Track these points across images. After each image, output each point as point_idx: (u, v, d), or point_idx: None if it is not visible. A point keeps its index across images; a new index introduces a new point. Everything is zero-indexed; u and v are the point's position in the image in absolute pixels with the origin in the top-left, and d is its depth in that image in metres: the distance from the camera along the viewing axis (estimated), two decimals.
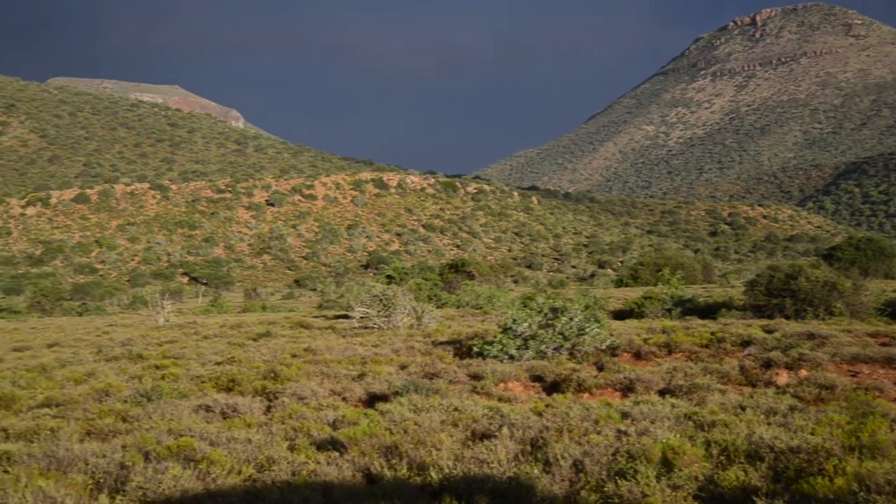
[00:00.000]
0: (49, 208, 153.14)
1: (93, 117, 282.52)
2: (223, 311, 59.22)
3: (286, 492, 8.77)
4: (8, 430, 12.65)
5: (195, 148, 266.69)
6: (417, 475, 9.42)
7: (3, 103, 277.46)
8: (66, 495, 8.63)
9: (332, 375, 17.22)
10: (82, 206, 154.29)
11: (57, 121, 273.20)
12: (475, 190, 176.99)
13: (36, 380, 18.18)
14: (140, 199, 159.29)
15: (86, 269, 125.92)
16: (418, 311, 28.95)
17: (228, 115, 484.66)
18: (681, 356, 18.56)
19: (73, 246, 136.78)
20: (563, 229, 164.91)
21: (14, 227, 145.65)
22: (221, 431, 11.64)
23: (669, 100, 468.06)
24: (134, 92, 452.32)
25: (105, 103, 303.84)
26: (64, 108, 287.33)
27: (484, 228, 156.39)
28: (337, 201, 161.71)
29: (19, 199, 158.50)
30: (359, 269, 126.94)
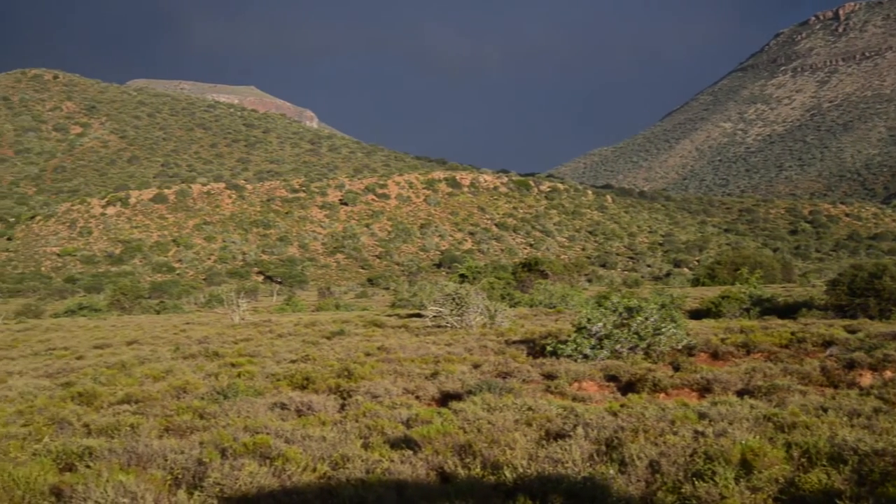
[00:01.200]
0: (128, 208, 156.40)
1: (171, 118, 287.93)
2: (297, 309, 59.78)
3: (360, 489, 8.77)
4: (90, 425, 12.88)
5: (270, 148, 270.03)
6: (491, 474, 9.36)
7: (84, 105, 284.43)
8: (145, 490, 8.74)
9: (405, 374, 17.22)
10: (160, 205, 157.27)
11: (136, 122, 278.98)
12: (548, 188, 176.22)
13: (116, 377, 18.49)
14: (216, 199, 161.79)
15: (163, 268, 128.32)
16: (491, 310, 28.85)
17: (303, 116, 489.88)
18: (760, 356, 18.19)
19: (151, 245, 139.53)
20: (638, 228, 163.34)
21: (95, 227, 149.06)
22: (296, 429, 11.70)
23: (748, 96, 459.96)
24: (211, 93, 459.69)
25: (183, 104, 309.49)
26: (143, 109, 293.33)
27: (557, 227, 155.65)
28: (410, 200, 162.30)
29: (100, 199, 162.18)
30: (431, 268, 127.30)
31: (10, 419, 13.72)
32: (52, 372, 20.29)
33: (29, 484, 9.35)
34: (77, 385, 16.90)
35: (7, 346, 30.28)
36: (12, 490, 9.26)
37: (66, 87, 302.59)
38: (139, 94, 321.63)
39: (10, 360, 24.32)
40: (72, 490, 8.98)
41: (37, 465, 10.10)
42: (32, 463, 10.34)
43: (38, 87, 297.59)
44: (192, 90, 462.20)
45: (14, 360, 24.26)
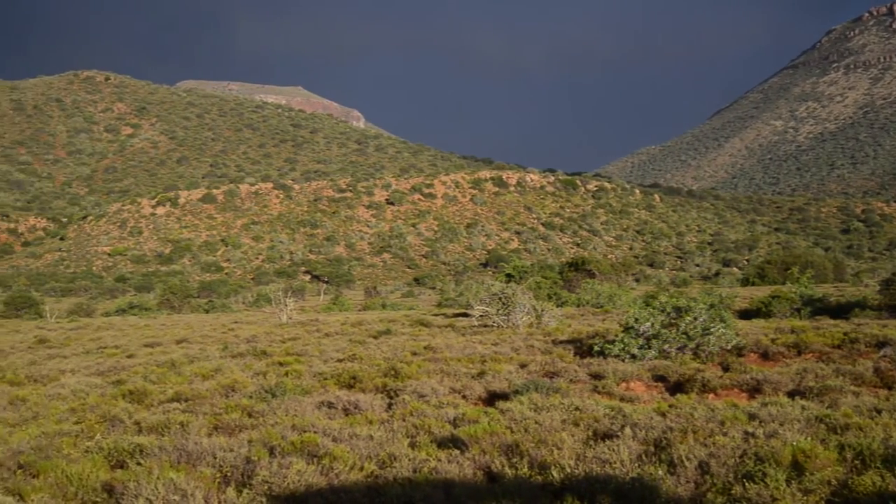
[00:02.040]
0: (178, 208, 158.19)
1: (219, 119, 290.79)
2: (344, 308, 60.07)
3: (408, 488, 8.78)
4: (140, 423, 13.03)
5: (317, 148, 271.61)
6: (539, 474, 9.33)
7: (135, 106, 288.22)
8: (195, 488, 8.82)
9: (451, 373, 17.22)
10: (209, 205, 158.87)
11: (185, 123, 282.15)
12: (596, 187, 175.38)
13: (166, 375, 18.70)
14: (264, 199, 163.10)
15: (212, 268, 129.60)
16: (538, 310, 28.78)
17: (350, 116, 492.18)
18: (811, 357, 17.95)
19: (200, 245, 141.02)
20: (687, 227, 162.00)
21: (145, 227, 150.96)
22: (344, 428, 11.75)
23: (799, 94, 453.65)
24: (259, 93, 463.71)
25: (231, 105, 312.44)
26: (192, 110, 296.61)
27: (605, 226, 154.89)
28: (456, 200, 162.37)
29: (150, 199, 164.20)
30: (478, 268, 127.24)
31: (63, 416, 13.92)
32: (104, 370, 20.55)
33: (82, 480, 9.49)
34: (128, 383, 17.11)
35: (60, 344, 30.75)
36: (66, 486, 9.40)
37: (118, 88, 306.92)
38: (188, 95, 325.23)
39: (62, 359, 24.69)
40: (123, 487, 9.09)
41: (89, 462, 10.24)
42: (85, 460, 10.49)
43: (91, 89, 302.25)
44: (241, 91, 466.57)
45: (67, 359, 24.62)
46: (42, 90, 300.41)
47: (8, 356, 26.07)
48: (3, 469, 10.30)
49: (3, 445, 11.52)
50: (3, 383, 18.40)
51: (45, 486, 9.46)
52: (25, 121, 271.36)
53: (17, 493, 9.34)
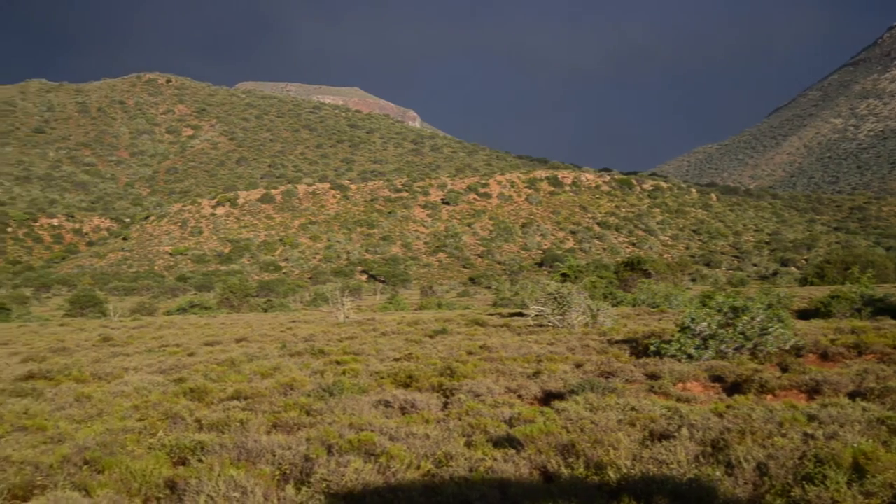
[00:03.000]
0: (237, 208, 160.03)
1: (277, 120, 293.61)
2: (400, 308, 60.28)
3: (464, 487, 8.84)
4: (201, 421, 13.24)
5: (374, 148, 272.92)
6: (595, 474, 9.34)
7: (195, 108, 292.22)
8: (255, 485, 8.97)
9: (507, 373, 17.24)
10: (267, 205, 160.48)
11: (244, 124, 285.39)
12: (651, 187, 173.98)
13: (226, 373, 18.95)
14: (321, 199, 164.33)
15: (270, 267, 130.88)
16: (593, 310, 28.66)
17: (406, 116, 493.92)
18: (872, 358, 17.67)
19: (258, 244, 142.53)
20: (744, 226, 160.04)
21: (205, 227, 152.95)
22: (400, 427, 11.83)
23: (860, 91, 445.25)
24: (316, 94, 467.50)
25: (289, 106, 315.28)
26: (251, 111, 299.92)
27: (660, 226, 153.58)
28: (511, 199, 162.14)
29: (210, 199, 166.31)
30: (533, 267, 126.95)
31: (126, 414, 14.20)
32: (166, 368, 20.88)
33: (145, 477, 9.69)
34: (189, 381, 17.37)
35: (123, 342, 31.29)
36: (129, 482, 9.61)
37: (179, 90, 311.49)
38: (247, 96, 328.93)
39: (125, 357, 25.11)
40: (185, 483, 9.27)
41: (152, 459, 10.45)
42: (148, 456, 10.70)
43: (152, 91, 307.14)
44: (298, 92, 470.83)
45: (130, 357, 25.04)
46: (106, 93, 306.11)
47: (73, 354, 26.59)
48: (70, 465, 10.55)
49: (70, 441, 11.80)
50: (70, 380, 18.80)
51: (110, 481, 9.67)
52: (90, 123, 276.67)
53: (84, 488, 9.57)
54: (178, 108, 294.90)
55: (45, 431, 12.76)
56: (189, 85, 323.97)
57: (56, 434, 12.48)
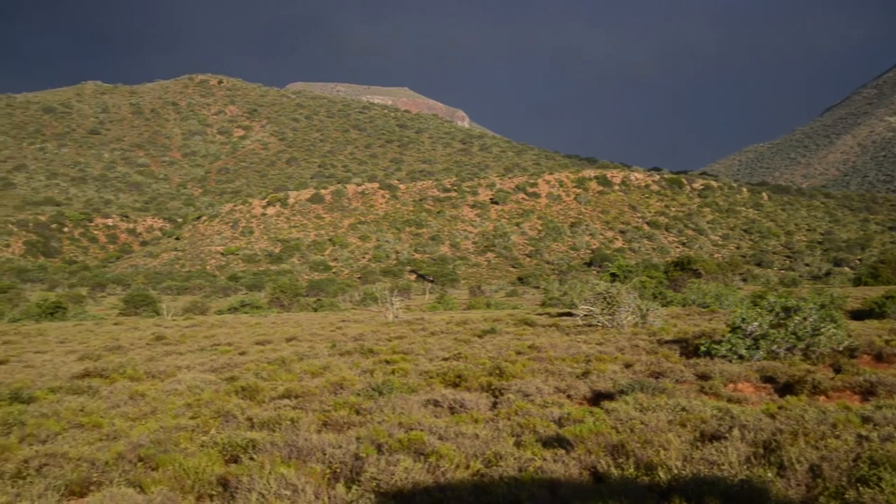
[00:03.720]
0: (287, 208, 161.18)
1: (327, 120, 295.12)
2: (449, 307, 60.36)
3: (514, 487, 8.85)
4: (252, 419, 13.38)
5: (422, 148, 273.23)
6: (645, 475, 9.30)
7: (246, 109, 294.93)
8: (306, 483, 9.05)
9: (556, 373, 17.22)
10: (317, 205, 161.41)
11: (295, 124, 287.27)
12: (701, 186, 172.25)
13: (276, 372, 19.13)
14: (370, 199, 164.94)
15: (320, 267, 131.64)
16: (643, 309, 28.51)
17: (454, 116, 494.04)
18: None
19: (308, 244, 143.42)
20: (796, 226, 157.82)
21: (256, 227, 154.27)
22: (449, 426, 11.87)
23: None
24: (366, 95, 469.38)
25: (339, 106, 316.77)
26: (301, 111, 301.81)
27: (711, 225, 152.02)
28: (560, 199, 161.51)
29: (260, 199, 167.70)
30: (582, 267, 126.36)
31: (179, 412, 14.40)
32: (217, 367, 21.13)
33: (198, 474, 9.83)
34: (240, 380, 17.56)
35: (176, 341, 31.70)
36: (183, 479, 9.75)
37: (230, 91, 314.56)
38: (297, 97, 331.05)
39: (178, 355, 25.45)
40: (237, 481, 9.38)
41: (205, 457, 10.59)
42: (201, 454, 10.85)
43: (204, 92, 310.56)
44: (348, 92, 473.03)
45: (182, 355, 25.38)
46: (159, 94, 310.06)
47: (128, 352, 27.00)
48: (125, 461, 10.73)
49: (125, 439, 12.00)
50: (124, 378, 19.10)
51: (164, 478, 9.82)
52: (143, 124, 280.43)
53: (138, 484, 9.73)
54: (229, 109, 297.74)
55: (100, 428, 12.99)
56: (240, 86, 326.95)
57: (111, 431, 12.70)
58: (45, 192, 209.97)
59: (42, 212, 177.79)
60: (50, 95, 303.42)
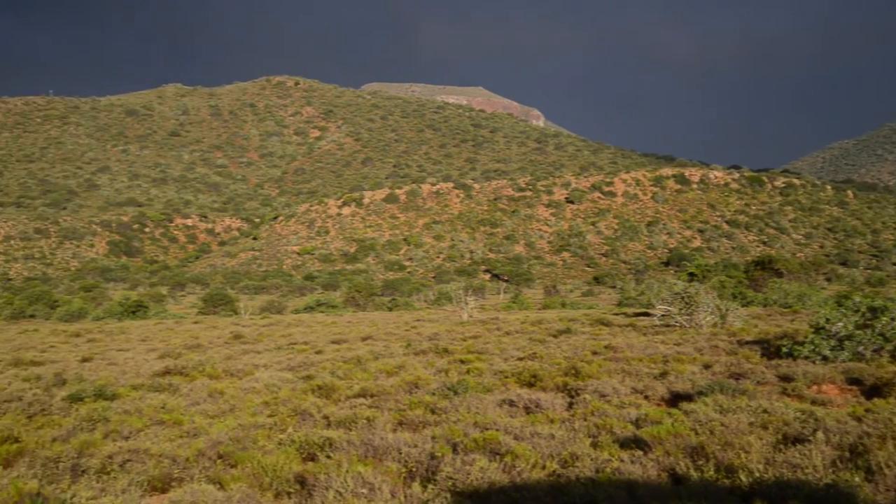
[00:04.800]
0: (362, 208, 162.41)
1: (402, 120, 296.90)
2: (524, 307, 60.22)
3: (591, 488, 8.74)
4: (329, 417, 13.45)
5: (497, 147, 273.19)
6: (725, 477, 9.11)
7: (323, 110, 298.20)
8: (382, 482, 9.06)
9: (633, 373, 17.01)
10: (392, 205, 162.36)
11: (370, 125, 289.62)
12: (783, 184, 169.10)
13: (352, 371, 19.22)
14: (445, 199, 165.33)
15: (395, 266, 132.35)
16: (722, 310, 28.06)
17: (529, 115, 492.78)
18: None
19: (383, 244, 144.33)
20: (883, 224, 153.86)
21: (332, 227, 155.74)
22: (525, 426, 11.79)
23: None
24: (440, 94, 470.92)
25: (414, 106, 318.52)
26: (376, 112, 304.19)
27: (793, 224, 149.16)
28: (637, 198, 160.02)
29: (336, 199, 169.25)
30: (659, 267, 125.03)
31: (257, 409, 14.55)
32: (294, 365, 21.33)
33: (276, 471, 9.90)
34: (316, 378, 17.68)
35: (254, 340, 32.11)
36: (261, 477, 9.83)
37: (306, 92, 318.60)
38: (373, 97, 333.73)
39: (256, 354, 25.77)
40: (314, 479, 9.43)
41: (282, 454, 10.67)
42: (278, 452, 10.93)
43: (281, 94, 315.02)
44: (423, 92, 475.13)
45: (260, 354, 25.68)
46: (237, 96, 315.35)
47: (207, 351, 27.41)
48: (205, 458, 10.86)
49: (204, 436, 12.15)
50: (203, 376, 19.39)
51: (243, 475, 9.92)
52: (222, 125, 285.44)
53: (218, 481, 9.84)
54: (305, 110, 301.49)
55: (181, 425, 13.19)
56: (317, 87, 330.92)
57: (191, 428, 12.87)
58: (127, 193, 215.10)
59: (124, 212, 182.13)
60: (132, 98, 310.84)
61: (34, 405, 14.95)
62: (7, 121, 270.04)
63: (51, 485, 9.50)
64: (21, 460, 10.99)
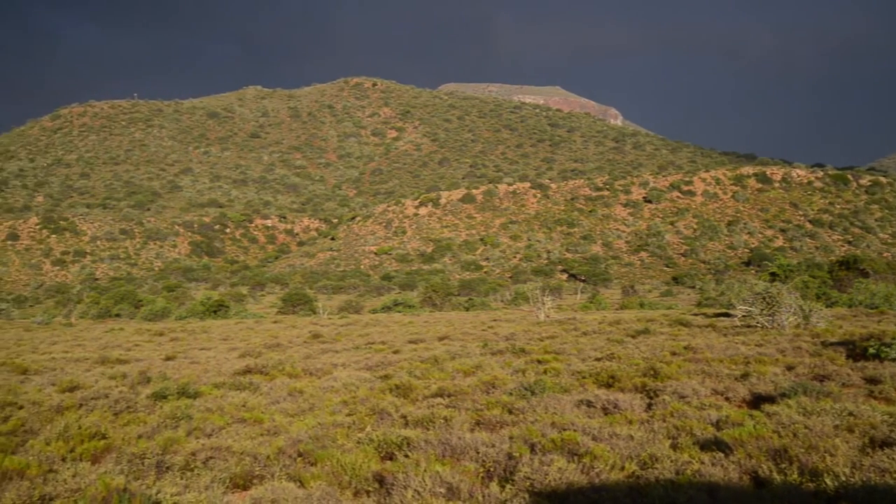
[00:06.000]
0: (439, 208, 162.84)
1: (479, 120, 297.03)
2: (601, 307, 59.78)
3: (670, 490, 8.65)
4: (406, 416, 13.53)
5: (574, 147, 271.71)
6: (810, 481, 8.94)
7: (400, 110, 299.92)
8: (460, 481, 9.08)
9: (713, 374, 16.78)
10: (468, 205, 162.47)
11: (447, 125, 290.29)
12: (869, 182, 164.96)
13: (429, 371, 19.29)
14: (521, 198, 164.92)
15: (471, 266, 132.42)
16: (805, 310, 27.51)
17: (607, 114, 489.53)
18: None
19: (460, 244, 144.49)
20: None
21: (408, 227, 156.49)
22: (603, 427, 11.72)
23: None
24: (517, 94, 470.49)
25: (490, 106, 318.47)
26: (453, 112, 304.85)
27: (879, 223, 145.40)
28: (717, 197, 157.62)
29: (413, 199, 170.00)
30: (740, 266, 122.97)
31: (336, 408, 14.70)
32: (372, 365, 21.49)
33: (355, 470, 9.99)
34: (394, 378, 17.79)
35: (332, 339, 32.44)
36: (340, 475, 9.93)
37: (384, 93, 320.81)
38: (450, 98, 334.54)
39: (334, 353, 26.02)
40: (393, 478, 9.49)
41: (361, 453, 10.77)
42: (357, 451, 11.04)
43: (359, 95, 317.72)
44: (500, 92, 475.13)
45: (338, 353, 25.93)
46: (315, 97, 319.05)
47: (286, 350, 27.78)
48: (285, 456, 11.01)
49: (285, 434, 12.32)
50: (283, 375, 19.65)
51: (322, 474, 10.03)
52: (301, 127, 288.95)
53: (298, 479, 9.97)
54: (383, 111, 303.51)
55: (261, 424, 13.39)
56: (394, 88, 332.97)
57: (272, 426, 13.06)
58: (208, 194, 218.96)
59: (206, 213, 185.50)
60: (214, 101, 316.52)
61: (120, 402, 15.32)
62: (94, 124, 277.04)
63: (137, 481, 9.71)
64: (108, 456, 11.27)
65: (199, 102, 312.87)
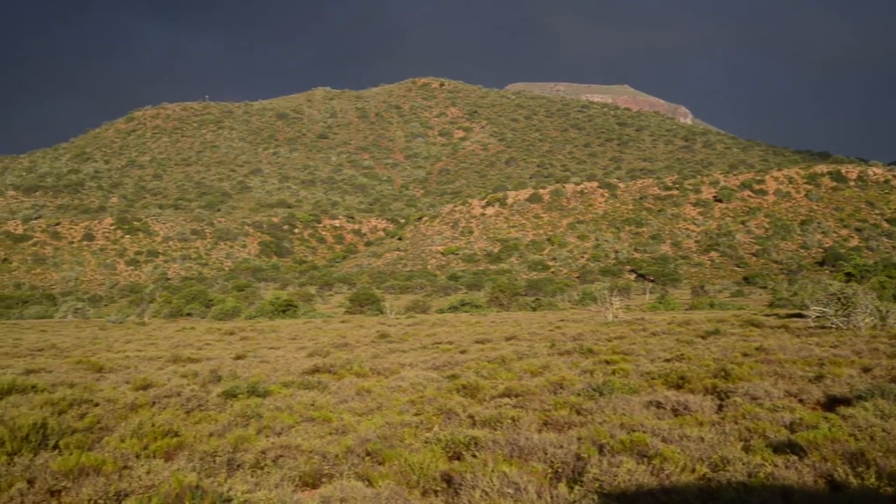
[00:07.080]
0: (506, 208, 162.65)
1: (546, 120, 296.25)
2: (670, 307, 59.20)
3: (743, 493, 8.50)
4: (474, 416, 13.50)
5: (643, 146, 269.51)
6: (888, 485, 8.71)
7: (467, 110, 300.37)
8: (528, 482, 9.03)
9: (786, 376, 16.49)
10: (535, 205, 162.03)
11: (514, 125, 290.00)
12: None
13: (496, 371, 19.24)
14: (589, 198, 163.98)
15: (538, 266, 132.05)
16: (882, 311, 26.92)
17: (676, 112, 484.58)
18: None
19: (527, 244, 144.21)
20: None
21: (475, 227, 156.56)
22: (673, 428, 11.57)
23: None
24: (585, 94, 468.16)
25: (558, 106, 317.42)
26: (520, 112, 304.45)
27: None
28: (789, 196, 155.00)
29: (480, 199, 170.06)
30: (813, 267, 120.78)
31: (403, 408, 14.73)
32: (439, 364, 21.51)
33: (423, 469, 9.99)
34: (461, 378, 17.77)
35: (399, 339, 32.57)
36: (408, 475, 9.94)
37: (451, 93, 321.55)
38: (517, 97, 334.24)
39: (401, 353, 26.12)
40: (461, 478, 9.48)
41: (429, 453, 10.76)
42: (425, 450, 11.04)
43: (426, 95, 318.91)
44: (567, 91, 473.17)
45: (405, 353, 26.03)
46: (383, 98, 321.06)
47: (354, 349, 27.97)
48: (353, 455, 11.06)
49: (353, 433, 12.39)
50: (351, 375, 19.76)
51: (390, 473, 10.05)
52: (368, 127, 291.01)
53: (366, 478, 10.00)
54: (450, 111, 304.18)
55: (330, 423, 13.47)
56: (461, 88, 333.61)
57: (340, 426, 13.14)
58: (277, 194, 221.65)
59: (275, 214, 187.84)
60: (283, 102, 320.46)
61: (192, 401, 15.54)
62: (167, 126, 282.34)
63: (208, 478, 9.82)
64: (180, 454, 11.43)
65: (269, 104, 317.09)
